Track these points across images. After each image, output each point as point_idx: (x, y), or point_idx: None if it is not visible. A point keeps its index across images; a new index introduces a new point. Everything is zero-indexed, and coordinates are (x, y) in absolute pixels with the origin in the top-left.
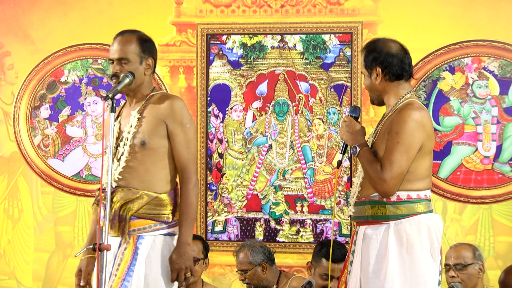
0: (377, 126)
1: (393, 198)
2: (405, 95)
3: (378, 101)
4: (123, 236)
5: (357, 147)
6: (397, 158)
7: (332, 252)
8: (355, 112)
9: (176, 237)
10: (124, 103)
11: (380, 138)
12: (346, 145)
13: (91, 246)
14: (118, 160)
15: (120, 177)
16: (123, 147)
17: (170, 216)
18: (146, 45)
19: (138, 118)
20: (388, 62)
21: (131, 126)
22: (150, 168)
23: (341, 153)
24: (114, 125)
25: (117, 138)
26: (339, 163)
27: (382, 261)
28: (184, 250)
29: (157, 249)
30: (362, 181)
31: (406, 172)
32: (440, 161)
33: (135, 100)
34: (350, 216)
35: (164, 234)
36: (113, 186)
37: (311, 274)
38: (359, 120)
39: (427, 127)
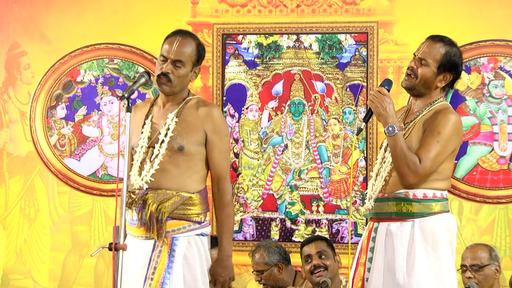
0: (408, 122)
1: (420, 196)
2: (439, 98)
3: (418, 93)
4: (160, 237)
5: (395, 128)
6: (435, 156)
7: (307, 239)
8: (389, 85)
9: (208, 237)
10: (154, 102)
11: (413, 134)
12: (371, 115)
13: (107, 246)
14: (151, 161)
15: (152, 179)
16: (158, 150)
17: (202, 216)
18: (202, 54)
19: (176, 122)
20: (459, 74)
21: (168, 129)
22: (184, 171)
23: (364, 121)
24: (145, 124)
25: (149, 138)
26: (359, 130)
27: (410, 257)
28: (227, 263)
29: (193, 250)
30: (388, 176)
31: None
32: (456, 161)
33: (172, 102)
34: (369, 211)
35: (197, 235)
36: (144, 188)
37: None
38: None
39: (461, 133)
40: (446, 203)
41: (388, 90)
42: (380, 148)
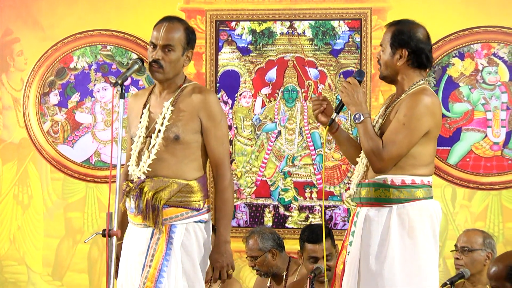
0: (387, 109)
1: (398, 182)
2: (419, 81)
3: (390, 79)
4: (156, 226)
5: (361, 115)
6: (400, 139)
7: (312, 233)
8: (361, 76)
9: (208, 224)
10: (151, 90)
11: (389, 120)
12: (342, 106)
13: (101, 232)
14: (149, 151)
15: (149, 169)
16: (155, 139)
17: (201, 203)
18: (192, 37)
19: (172, 111)
20: (418, 48)
21: (164, 118)
22: (181, 160)
23: (335, 112)
24: (143, 113)
25: (147, 128)
26: (331, 121)
27: (383, 244)
28: (224, 249)
29: (191, 237)
30: (368, 162)
31: (406, 155)
32: (449, 148)
33: (168, 90)
34: (350, 196)
35: (196, 222)
36: (142, 178)
37: (303, 262)
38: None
39: (436, 114)
40: (428, 189)
41: (360, 81)
42: None
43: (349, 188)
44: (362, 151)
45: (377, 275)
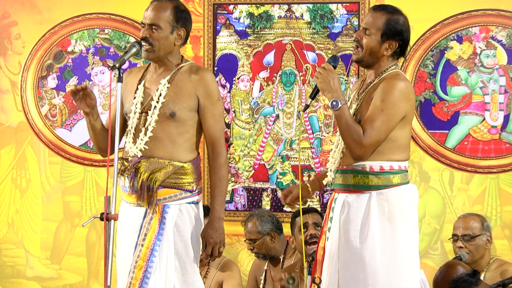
0: (361, 93)
1: (376, 169)
2: (391, 66)
3: (367, 64)
4: (150, 206)
5: (339, 102)
6: (379, 125)
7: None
8: (335, 62)
9: (199, 205)
10: (147, 68)
11: (364, 105)
12: (317, 92)
13: (99, 216)
14: (145, 128)
15: (146, 147)
16: (151, 116)
17: (194, 185)
18: (181, 15)
19: (168, 88)
20: (405, 40)
21: (160, 95)
22: (176, 139)
23: (310, 97)
24: (138, 89)
25: (141, 104)
26: (306, 107)
27: (364, 229)
28: (218, 225)
29: (184, 218)
30: (344, 148)
31: (384, 140)
32: (447, 131)
33: (163, 68)
34: (330, 183)
35: (189, 203)
36: (138, 156)
37: (295, 246)
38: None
39: (411, 98)
40: (405, 174)
41: (335, 67)
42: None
43: None
44: (336, 137)
45: (357, 259)
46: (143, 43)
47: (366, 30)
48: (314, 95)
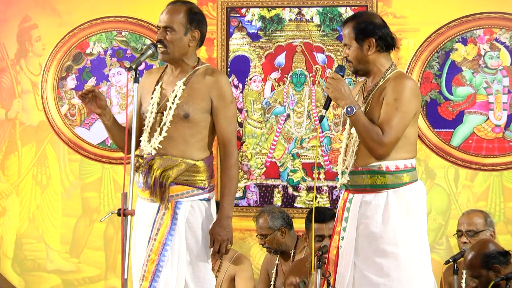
0: (367, 96)
1: (392, 168)
2: (391, 65)
3: (364, 72)
4: (163, 201)
5: (353, 108)
6: (396, 123)
7: (318, 214)
8: (342, 71)
9: (212, 202)
10: (164, 69)
11: (374, 106)
12: (330, 102)
13: (116, 212)
14: (160, 127)
15: (160, 146)
16: (166, 117)
17: (206, 182)
18: (195, 17)
19: (183, 90)
20: (382, 32)
21: (175, 97)
22: (189, 139)
23: (324, 108)
24: (155, 90)
25: (158, 104)
26: (322, 118)
27: (384, 224)
28: (226, 223)
29: (196, 214)
30: (358, 150)
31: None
32: (452, 130)
33: (179, 70)
34: (344, 184)
35: (201, 200)
36: (153, 154)
37: (309, 246)
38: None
39: (419, 95)
40: (415, 172)
41: (342, 76)
42: (344, 126)
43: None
44: (344, 140)
45: (380, 253)
46: (158, 46)
47: (346, 45)
48: (327, 105)
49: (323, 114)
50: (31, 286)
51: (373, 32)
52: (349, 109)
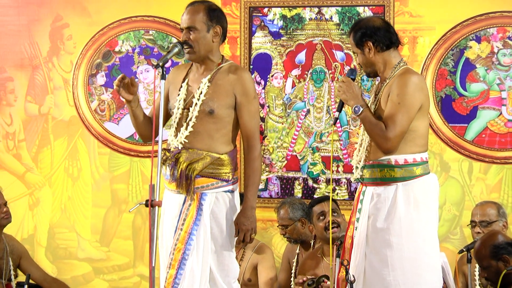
0: (377, 95)
1: (401, 162)
2: (399, 63)
3: (374, 73)
4: (189, 193)
5: (360, 107)
6: (399, 117)
7: (316, 199)
8: (353, 74)
9: (235, 193)
10: (190, 67)
11: (382, 103)
12: (342, 104)
13: (144, 203)
14: (186, 123)
15: (186, 140)
16: (192, 112)
17: (230, 175)
18: (214, 14)
19: (208, 86)
20: (376, 34)
21: (201, 93)
22: (214, 134)
23: (337, 111)
24: (182, 86)
25: (184, 100)
26: (336, 120)
27: (390, 216)
28: (250, 213)
29: (220, 205)
30: (368, 145)
31: (407, 131)
32: (466, 125)
33: (204, 67)
34: (357, 179)
35: (225, 191)
36: (179, 148)
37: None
38: (355, 81)
39: (424, 88)
40: (426, 165)
41: (353, 78)
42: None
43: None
44: (360, 136)
45: (385, 243)
46: (184, 46)
47: (354, 53)
48: (340, 107)
49: (337, 116)
50: (63, 273)
51: (368, 36)
52: (356, 108)
